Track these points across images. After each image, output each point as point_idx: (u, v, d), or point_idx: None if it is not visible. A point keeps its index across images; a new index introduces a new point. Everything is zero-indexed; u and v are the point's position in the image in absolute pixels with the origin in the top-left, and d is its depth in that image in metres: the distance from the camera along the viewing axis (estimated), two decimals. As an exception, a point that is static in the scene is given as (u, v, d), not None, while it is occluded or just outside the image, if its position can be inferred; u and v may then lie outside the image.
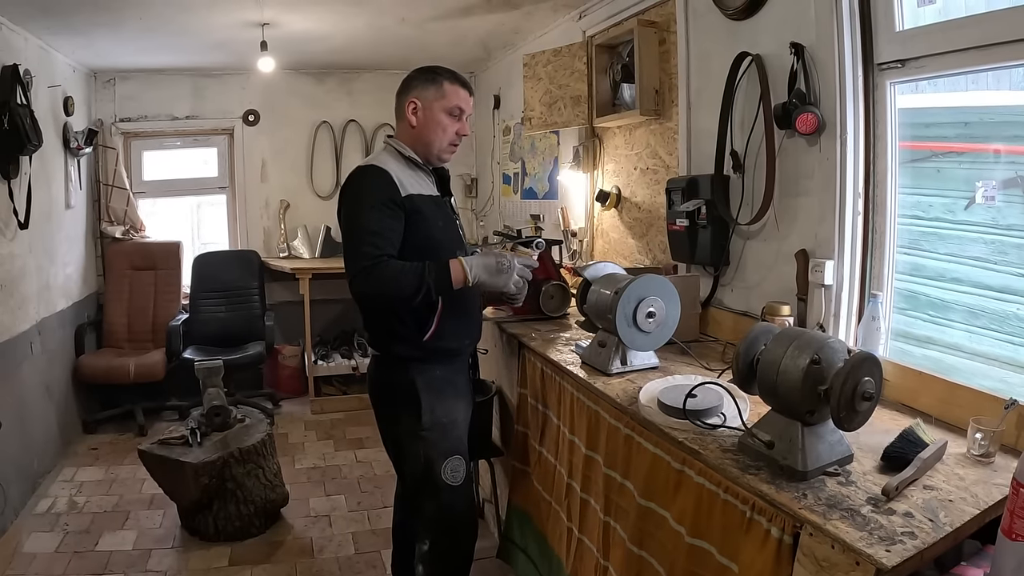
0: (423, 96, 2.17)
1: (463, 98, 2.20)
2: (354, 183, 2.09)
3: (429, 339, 2.14)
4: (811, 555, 1.29)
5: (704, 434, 1.74)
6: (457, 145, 2.24)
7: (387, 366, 2.24)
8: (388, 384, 2.25)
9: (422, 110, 2.17)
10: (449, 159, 2.27)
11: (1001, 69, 1.80)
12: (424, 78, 2.20)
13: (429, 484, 2.20)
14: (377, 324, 2.22)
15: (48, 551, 3.14)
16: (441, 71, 2.21)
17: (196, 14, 3.77)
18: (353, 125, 5.80)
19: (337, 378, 5.38)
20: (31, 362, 3.81)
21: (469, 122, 2.25)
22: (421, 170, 2.20)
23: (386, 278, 1.95)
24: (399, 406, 2.21)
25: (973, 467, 1.53)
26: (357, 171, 2.12)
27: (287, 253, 5.62)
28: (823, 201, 2.23)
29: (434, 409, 2.18)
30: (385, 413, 2.32)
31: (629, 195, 3.57)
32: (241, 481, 3.23)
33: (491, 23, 4.18)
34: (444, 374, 2.23)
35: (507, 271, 2.05)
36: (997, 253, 1.84)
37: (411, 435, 2.19)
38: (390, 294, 1.98)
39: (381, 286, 1.96)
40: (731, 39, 2.62)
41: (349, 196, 2.08)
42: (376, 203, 2.03)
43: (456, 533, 2.29)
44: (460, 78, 2.23)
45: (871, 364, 1.46)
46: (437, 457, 2.19)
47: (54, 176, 4.32)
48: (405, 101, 2.20)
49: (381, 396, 2.30)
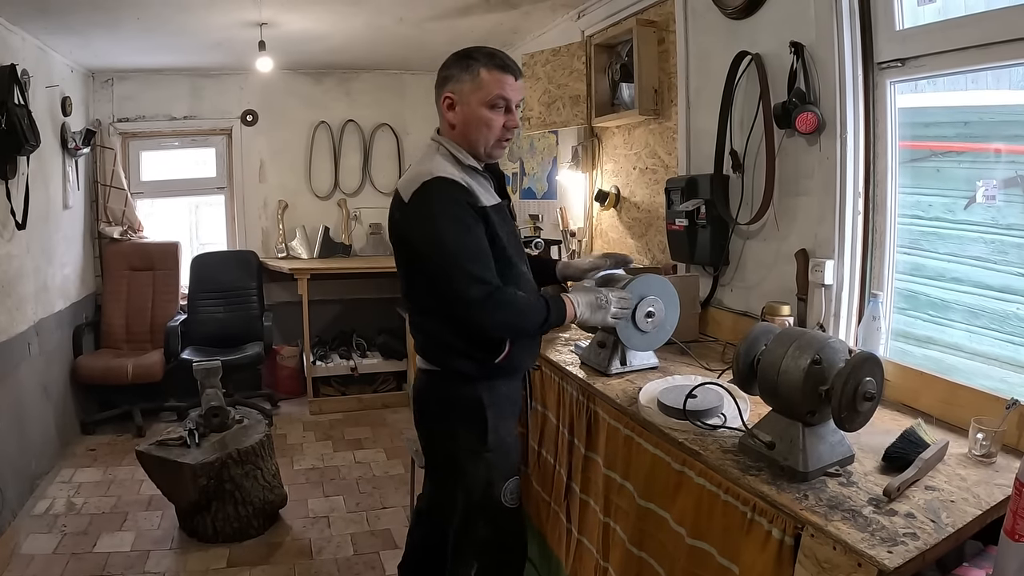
0: (458, 89, 1.88)
1: (507, 85, 1.88)
2: (429, 197, 1.82)
3: (501, 361, 1.95)
4: (812, 556, 1.29)
5: (704, 435, 1.74)
6: (509, 140, 1.97)
7: (447, 381, 2.01)
8: (447, 399, 2.01)
9: (459, 105, 1.89)
10: (501, 156, 2.03)
11: (1001, 68, 1.80)
12: (459, 66, 1.89)
13: (488, 506, 2.03)
14: (437, 338, 1.98)
15: (46, 552, 3.13)
16: (477, 55, 1.88)
17: (194, 14, 3.76)
18: (351, 125, 5.78)
19: (336, 379, 5.37)
20: (29, 363, 3.80)
21: (520, 110, 2.01)
22: (479, 174, 1.95)
23: (514, 310, 1.85)
24: (459, 423, 2.00)
25: (975, 467, 1.53)
26: (428, 185, 1.82)
27: (285, 253, 5.61)
28: (823, 201, 2.22)
29: (498, 428, 2.00)
30: (440, 429, 2.07)
31: (628, 195, 3.57)
32: (239, 482, 3.22)
33: (490, 23, 4.17)
34: (508, 391, 2.06)
35: (606, 307, 2.00)
36: (997, 253, 1.83)
37: (472, 454, 1.99)
38: (515, 326, 1.90)
39: (509, 318, 1.85)
40: (730, 38, 2.62)
41: (425, 212, 1.82)
42: (464, 221, 1.82)
43: (509, 557, 2.17)
44: (501, 60, 1.89)
45: (872, 364, 1.45)
46: (498, 479, 2.02)
47: (52, 176, 4.31)
48: (440, 97, 1.93)
49: (437, 411, 2.06)
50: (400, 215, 1.89)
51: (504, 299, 1.83)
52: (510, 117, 1.92)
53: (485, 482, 2.01)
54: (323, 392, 5.31)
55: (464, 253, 1.81)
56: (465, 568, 2.13)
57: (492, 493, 2.02)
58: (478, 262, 1.82)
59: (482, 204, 1.87)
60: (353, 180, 5.84)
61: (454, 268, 1.80)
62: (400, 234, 1.93)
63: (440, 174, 1.83)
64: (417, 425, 2.17)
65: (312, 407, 5.15)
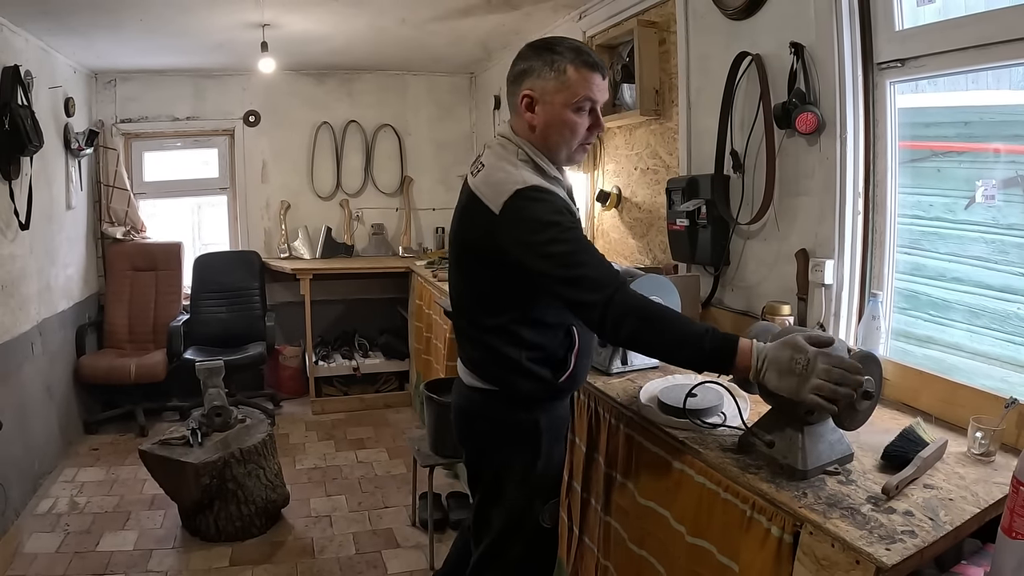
0: (541, 87, 1.70)
1: (595, 85, 1.71)
2: (531, 207, 1.63)
3: (565, 380, 1.82)
4: (811, 554, 1.29)
5: (704, 433, 1.74)
6: (591, 144, 1.83)
7: (504, 403, 1.84)
8: (503, 423, 1.86)
9: (541, 105, 1.71)
10: (582, 161, 1.85)
11: (1001, 68, 1.81)
12: (541, 60, 1.70)
13: (524, 527, 1.91)
14: (500, 355, 1.80)
15: (49, 551, 3.14)
16: (562, 49, 1.70)
17: (196, 15, 3.78)
18: (354, 126, 5.80)
19: (338, 379, 5.38)
20: (32, 363, 3.81)
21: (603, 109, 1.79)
22: (561, 186, 1.79)
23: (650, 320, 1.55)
24: (513, 447, 1.87)
25: (973, 466, 1.54)
26: (524, 193, 1.63)
27: (288, 254, 5.62)
28: (823, 201, 2.23)
29: (551, 452, 1.89)
30: (491, 450, 1.92)
31: (629, 195, 3.57)
32: (242, 481, 3.23)
33: (491, 23, 4.18)
34: (562, 412, 1.94)
35: (802, 374, 1.42)
36: (998, 252, 1.84)
37: (520, 478, 1.87)
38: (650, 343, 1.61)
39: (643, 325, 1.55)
40: (731, 39, 2.62)
41: (531, 222, 1.62)
42: (567, 220, 1.64)
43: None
44: (589, 57, 1.71)
45: (871, 363, 1.46)
46: (540, 501, 1.91)
47: (55, 177, 4.32)
48: (518, 94, 1.74)
49: (489, 433, 1.90)
50: (489, 226, 1.67)
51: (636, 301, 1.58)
52: (595, 119, 1.75)
53: (527, 504, 1.89)
54: (325, 392, 5.32)
55: (582, 249, 1.62)
56: None
57: (531, 514, 1.90)
58: (598, 256, 1.64)
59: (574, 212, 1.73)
60: (355, 180, 5.85)
61: (581, 271, 1.59)
62: (487, 244, 1.70)
63: (531, 183, 1.66)
64: (463, 442, 2.01)
65: (314, 407, 5.17)
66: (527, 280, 1.67)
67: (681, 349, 1.56)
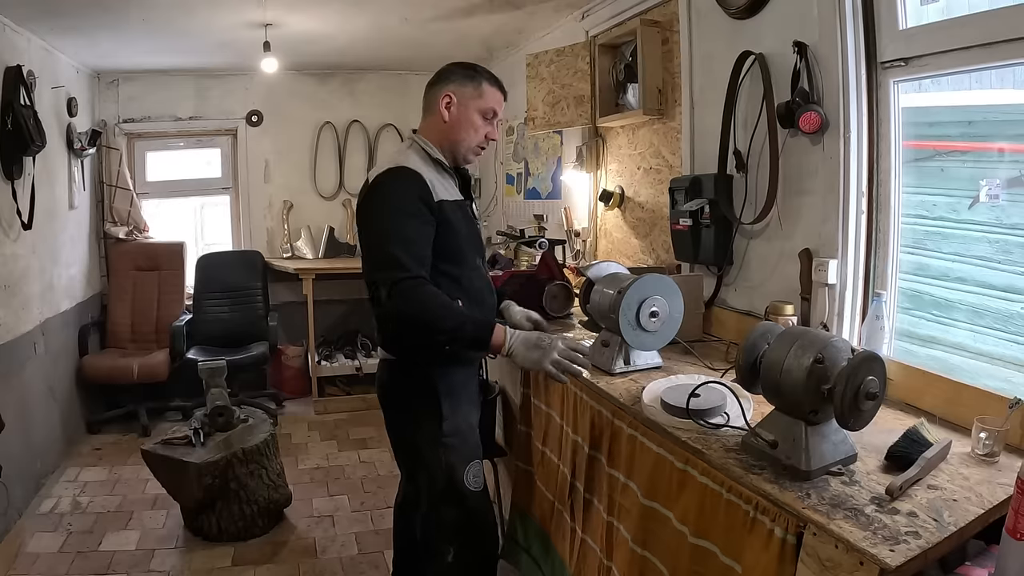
0: (460, 92, 2.07)
1: (499, 101, 2.12)
2: (385, 184, 1.96)
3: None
4: (815, 555, 1.29)
5: (707, 434, 1.74)
6: (484, 149, 2.15)
7: (403, 371, 2.11)
8: (405, 389, 2.12)
9: (456, 105, 2.06)
10: (473, 162, 2.19)
11: (1005, 67, 1.80)
12: (463, 73, 2.09)
13: (452, 491, 2.11)
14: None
15: (51, 551, 3.15)
16: (481, 70, 2.11)
17: (199, 15, 3.78)
18: (356, 126, 5.80)
19: (341, 378, 5.38)
20: (35, 363, 3.82)
21: (498, 127, 2.17)
22: (447, 172, 2.10)
23: (429, 305, 1.83)
24: (418, 411, 2.09)
25: (977, 466, 1.53)
26: (389, 172, 1.97)
27: (290, 253, 5.63)
28: (827, 200, 2.22)
29: (455, 414, 2.09)
30: (400, 419, 2.18)
31: (632, 195, 3.57)
32: (244, 481, 3.23)
33: (494, 23, 4.18)
34: (462, 378, 2.15)
35: (546, 348, 1.84)
36: (1001, 252, 1.83)
37: (431, 442, 2.08)
38: (426, 322, 1.84)
39: (421, 311, 1.83)
40: (734, 38, 2.62)
41: (378, 198, 1.95)
42: (411, 208, 1.91)
43: (482, 539, 2.24)
44: (498, 81, 2.14)
45: (875, 363, 1.45)
46: (459, 463, 2.10)
47: (58, 177, 4.33)
48: (439, 93, 2.08)
49: (396, 401, 2.17)
50: (361, 199, 2.02)
51: (422, 292, 1.83)
52: (492, 129, 2.12)
53: (447, 467, 2.09)
54: (328, 392, 5.33)
55: (397, 236, 1.87)
56: (441, 555, 2.18)
57: (455, 477, 2.10)
58: (407, 252, 1.86)
59: (439, 198, 1.98)
60: (358, 180, 5.84)
61: (379, 250, 1.88)
62: (358, 218, 2.03)
63: (403, 164, 1.97)
64: (384, 412, 2.23)
65: (317, 407, 5.17)
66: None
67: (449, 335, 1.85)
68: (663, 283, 2.19)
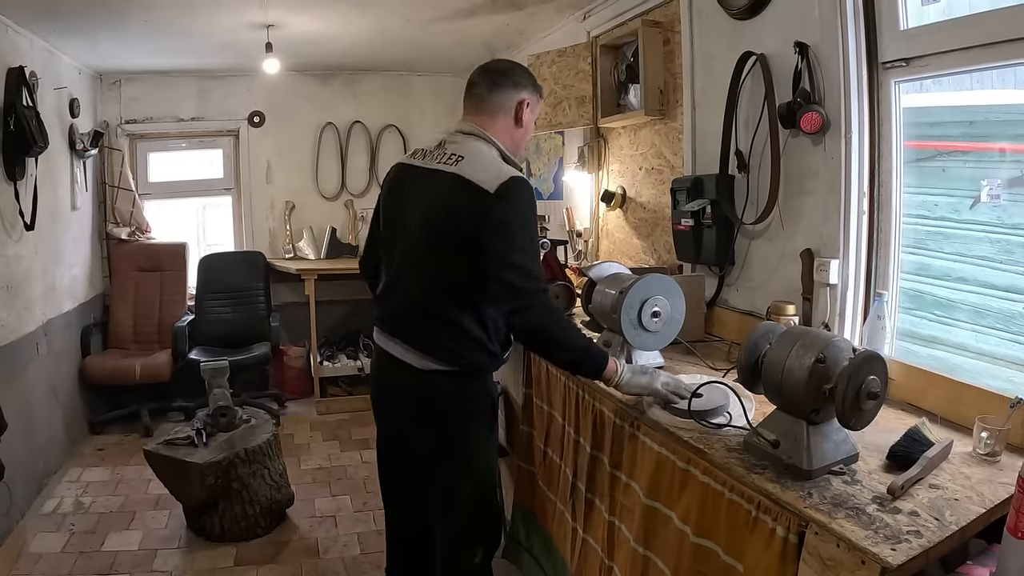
0: (532, 99, 2.03)
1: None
2: (520, 194, 1.85)
3: (507, 355, 2.07)
4: (816, 554, 1.29)
5: (709, 433, 1.74)
6: None
7: (467, 379, 2.00)
8: (470, 398, 2.03)
9: (528, 113, 2.02)
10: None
11: (1006, 67, 1.80)
12: (532, 80, 2.06)
13: (490, 494, 2.13)
14: (466, 336, 1.94)
15: (54, 551, 3.15)
16: (535, 77, 2.11)
17: (201, 16, 3.79)
18: (358, 126, 5.80)
19: (343, 379, 5.38)
20: (37, 363, 3.83)
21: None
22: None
23: (564, 322, 1.89)
24: (474, 417, 2.05)
25: (979, 466, 1.53)
26: (518, 181, 1.85)
27: (292, 254, 5.63)
28: (828, 200, 2.22)
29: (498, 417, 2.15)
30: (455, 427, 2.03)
31: (634, 195, 3.57)
32: (247, 481, 3.23)
33: (495, 24, 4.18)
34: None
35: (652, 373, 1.89)
36: (1003, 252, 1.83)
37: (483, 446, 2.10)
38: (557, 334, 1.86)
39: (555, 322, 1.86)
40: (735, 39, 2.62)
41: (515, 207, 1.83)
42: (534, 219, 1.91)
43: (499, 537, 2.30)
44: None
45: (876, 363, 1.45)
46: (495, 461, 2.16)
47: (60, 178, 4.34)
48: (516, 98, 2.00)
49: (454, 410, 2.02)
50: (476, 206, 1.82)
51: (554, 307, 1.91)
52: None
53: (488, 468, 2.12)
54: (330, 392, 5.33)
55: (529, 249, 1.87)
56: (470, 556, 2.11)
57: (492, 479, 2.13)
58: (538, 264, 1.91)
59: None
60: (360, 181, 5.86)
61: (527, 261, 1.83)
62: (470, 225, 1.83)
63: (516, 174, 1.88)
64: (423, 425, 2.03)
65: (319, 407, 5.17)
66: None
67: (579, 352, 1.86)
68: (665, 283, 2.20)
